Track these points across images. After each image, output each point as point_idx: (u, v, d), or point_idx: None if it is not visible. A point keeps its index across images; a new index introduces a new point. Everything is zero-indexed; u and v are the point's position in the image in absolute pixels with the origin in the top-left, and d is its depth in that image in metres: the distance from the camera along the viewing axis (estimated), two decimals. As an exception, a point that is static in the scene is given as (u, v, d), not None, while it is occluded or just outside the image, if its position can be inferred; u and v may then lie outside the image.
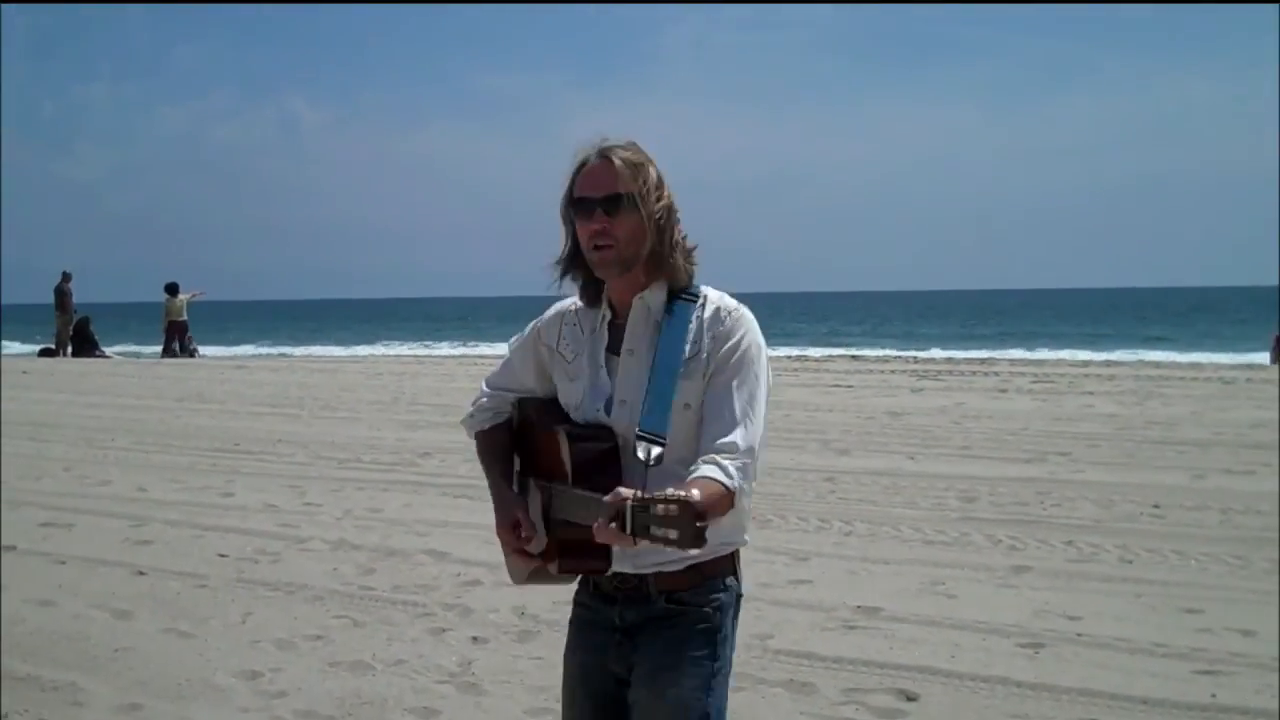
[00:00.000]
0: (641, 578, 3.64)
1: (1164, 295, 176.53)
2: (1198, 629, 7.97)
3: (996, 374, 27.65)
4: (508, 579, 3.96)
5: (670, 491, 3.09)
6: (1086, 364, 32.10)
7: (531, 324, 3.93)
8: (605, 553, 3.54)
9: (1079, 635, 7.86)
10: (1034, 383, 24.82)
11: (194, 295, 40.00)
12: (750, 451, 3.49)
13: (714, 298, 3.67)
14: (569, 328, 3.81)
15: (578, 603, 3.87)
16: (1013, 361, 34.46)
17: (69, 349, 38.70)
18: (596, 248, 3.57)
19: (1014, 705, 6.70)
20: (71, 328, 39.17)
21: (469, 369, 32.60)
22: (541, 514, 3.73)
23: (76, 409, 21.89)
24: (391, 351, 52.30)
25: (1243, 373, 27.50)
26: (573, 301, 3.81)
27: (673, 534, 3.04)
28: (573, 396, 3.73)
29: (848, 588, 8.90)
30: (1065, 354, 42.64)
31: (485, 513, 12.04)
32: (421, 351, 52.06)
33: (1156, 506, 11.75)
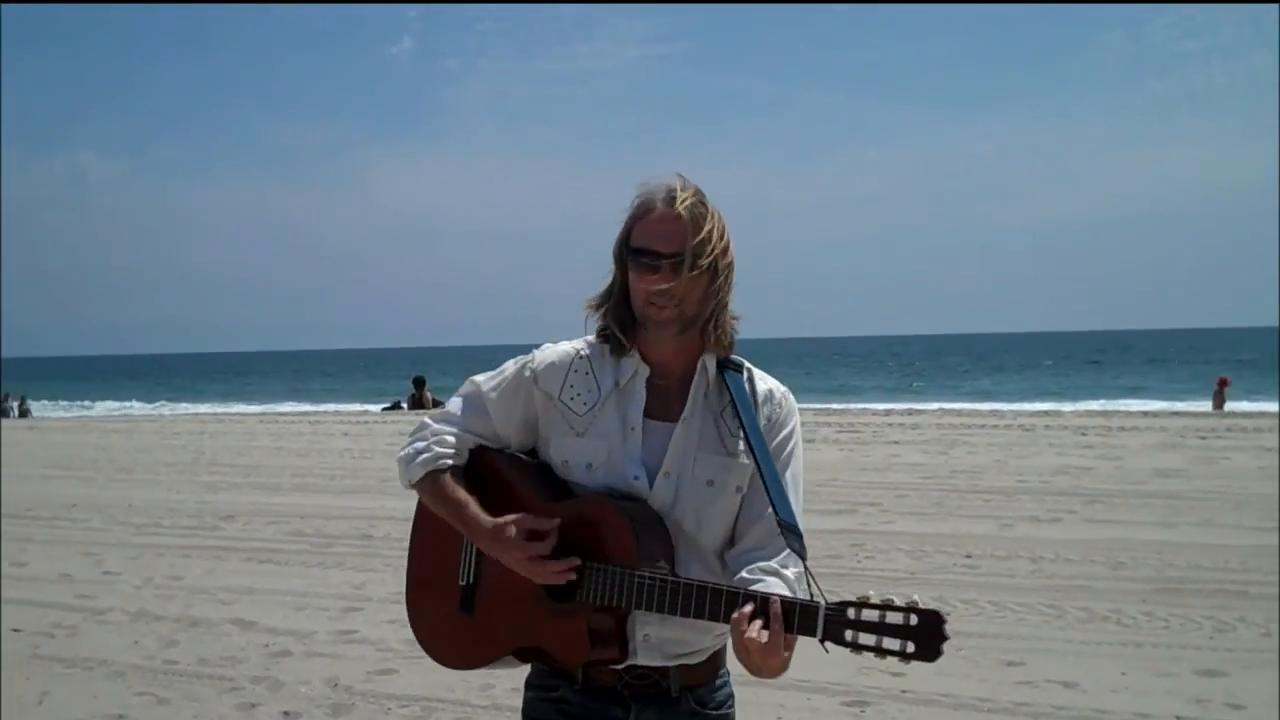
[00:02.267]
0: (663, 672, 3.28)
1: (940, 343, 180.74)
2: (1019, 681, 7.98)
3: (801, 424, 27.90)
4: (319, 648, 3.66)
5: (882, 596, 2.88)
6: (889, 412, 32.51)
7: (514, 365, 3.44)
8: (623, 641, 3.21)
9: (903, 692, 7.80)
10: (839, 432, 25.08)
11: None
12: (800, 537, 3.23)
13: (758, 374, 3.39)
14: (579, 375, 3.35)
15: (553, 699, 3.37)
16: (816, 411, 34.78)
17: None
18: (656, 306, 3.20)
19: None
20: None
21: (269, 426, 32.06)
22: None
23: None
24: (190, 410, 51.17)
25: (1041, 419, 28.09)
26: (576, 347, 3.40)
27: (893, 643, 2.81)
28: (586, 455, 3.28)
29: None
30: (864, 405, 43.19)
31: (293, 577, 11.73)
32: (220, 409, 51.11)
33: (968, 556, 11.83)
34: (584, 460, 3.28)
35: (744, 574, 3.16)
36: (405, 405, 37.24)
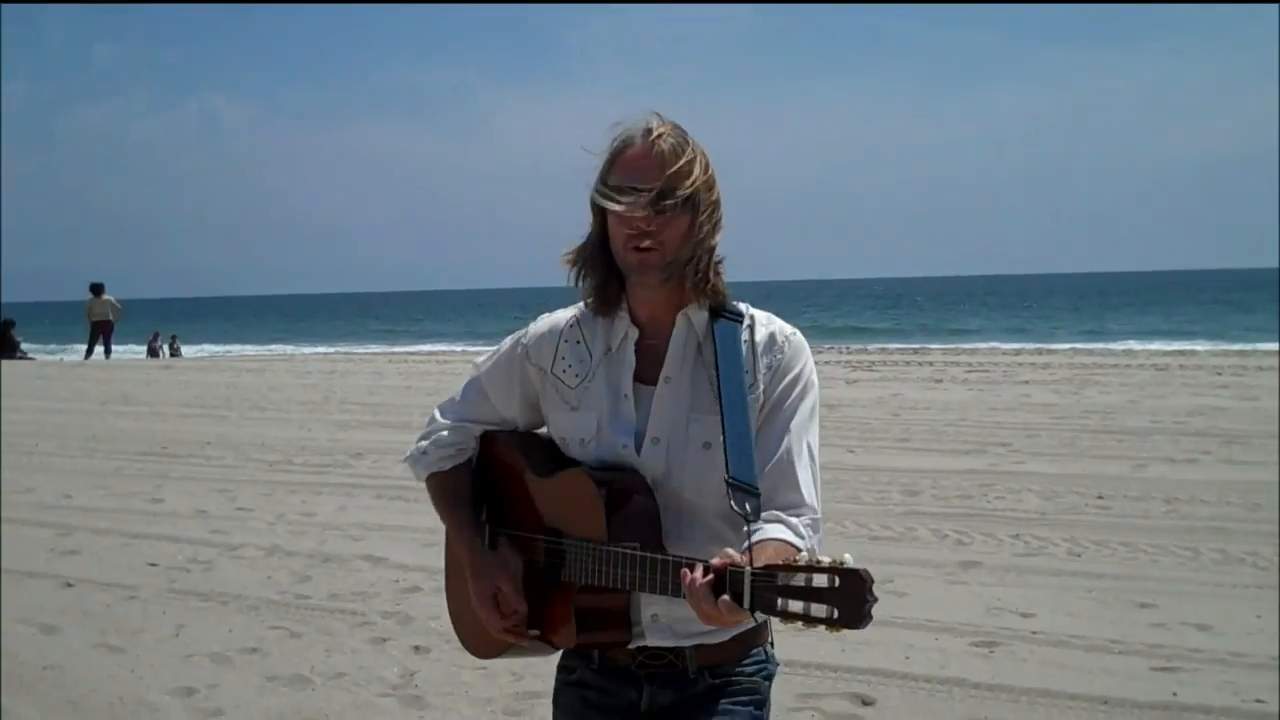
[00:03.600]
0: (679, 652, 3.09)
1: (1080, 281, 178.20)
2: (1152, 624, 7.85)
3: (930, 364, 27.67)
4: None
5: (809, 557, 2.56)
6: (1019, 352, 32.19)
7: (509, 341, 3.30)
8: (625, 621, 3.05)
9: (1033, 633, 7.72)
10: (968, 372, 24.83)
11: (117, 302, 39.43)
12: (817, 507, 3.03)
13: (763, 319, 3.13)
14: (569, 345, 3.18)
15: (573, 683, 3.25)
16: (945, 351, 34.50)
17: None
18: (638, 249, 2.98)
19: (971, 708, 6.54)
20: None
21: (398, 366, 32.39)
22: (521, 576, 3.20)
23: (-1, 414, 21.46)
24: (319, 350, 51.74)
25: (1175, 359, 27.64)
26: (569, 315, 3.23)
27: (820, 608, 2.46)
28: (579, 429, 3.12)
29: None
30: (996, 343, 42.76)
31: (422, 515, 11.80)
32: (353, 349, 51.66)
33: (1100, 497, 11.66)
34: (577, 435, 3.12)
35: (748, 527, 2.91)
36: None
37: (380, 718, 6.62)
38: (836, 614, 2.46)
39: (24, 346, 39.91)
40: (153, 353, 43.66)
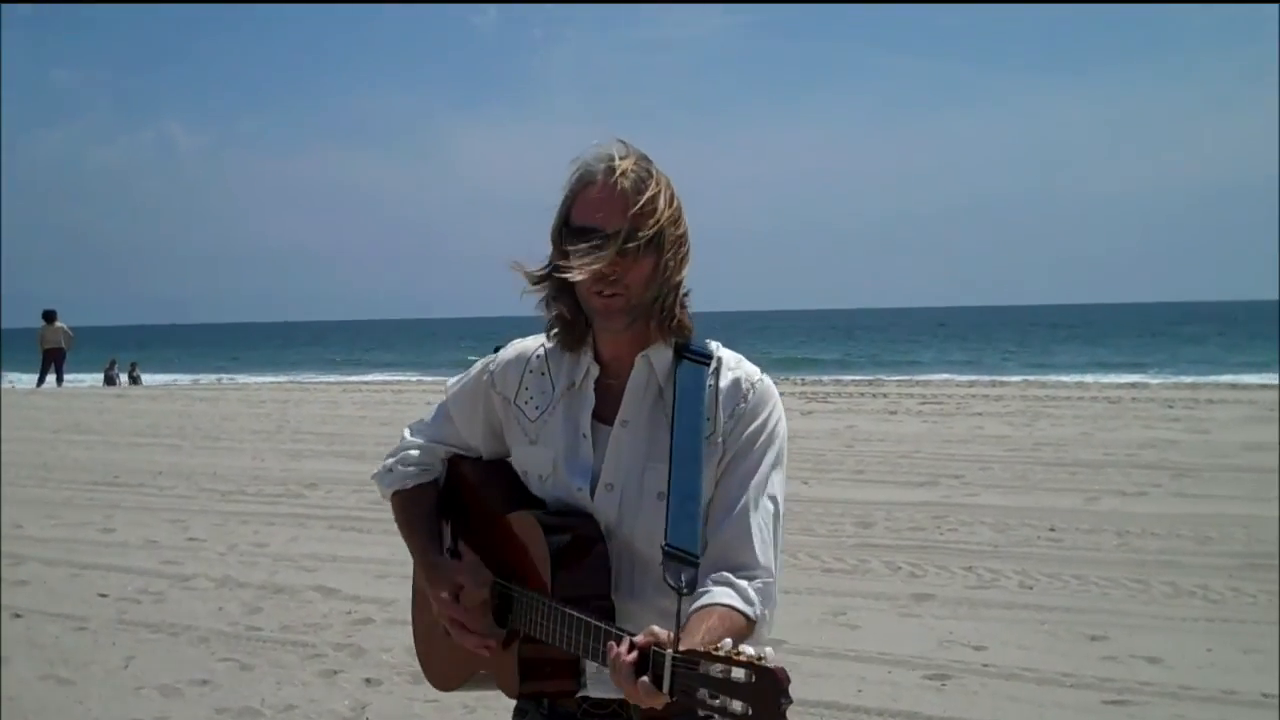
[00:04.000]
0: (621, 702, 2.88)
1: (1031, 313, 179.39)
2: (1103, 656, 7.89)
3: (885, 395, 27.76)
4: (402, 616, 3.60)
5: (733, 646, 2.31)
6: (973, 384, 32.31)
7: (479, 366, 3.15)
8: (574, 670, 2.88)
9: (985, 665, 7.74)
10: (922, 404, 24.92)
11: (70, 330, 39.18)
12: (771, 569, 2.83)
13: (730, 362, 2.98)
14: (533, 377, 3.04)
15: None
16: (900, 382, 34.60)
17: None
18: (601, 295, 2.83)
19: (925, 741, 6.56)
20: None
21: (353, 395, 32.28)
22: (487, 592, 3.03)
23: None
24: (272, 379, 51.48)
25: (1127, 391, 27.82)
26: (538, 344, 3.08)
27: (733, 704, 2.25)
28: (537, 465, 2.99)
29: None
30: (949, 375, 42.92)
31: (375, 546, 11.77)
32: (308, 378, 51.49)
33: (1053, 529, 11.71)
34: (535, 471, 2.99)
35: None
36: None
37: (331, 751, 6.58)
38: (750, 712, 2.25)
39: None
40: (110, 380, 43.37)
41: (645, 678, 2.44)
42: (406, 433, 3.25)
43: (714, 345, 3.00)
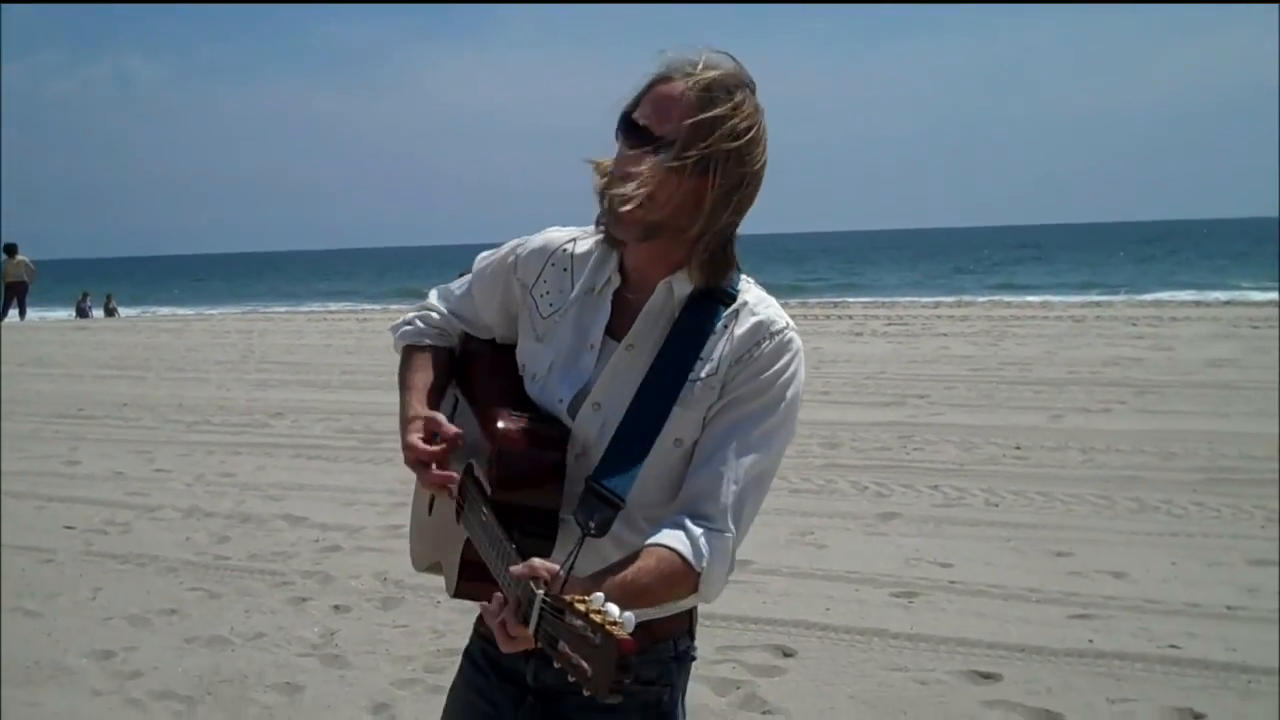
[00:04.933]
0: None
1: (993, 234, 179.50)
2: (1069, 572, 7.94)
3: (850, 317, 27.79)
4: (370, 543, 3.42)
5: (601, 603, 2.09)
6: (938, 305, 32.39)
7: (509, 246, 2.92)
8: (456, 574, 2.73)
9: (952, 583, 7.79)
10: (888, 325, 24.98)
11: (32, 263, 38.93)
12: (733, 527, 2.60)
13: (755, 302, 2.74)
14: (554, 271, 2.82)
15: (479, 634, 2.95)
16: (865, 304, 34.63)
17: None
18: (615, 189, 2.59)
19: (892, 658, 6.59)
20: None
21: (317, 325, 32.18)
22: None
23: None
24: (238, 309, 51.29)
25: (1091, 310, 27.93)
26: (568, 235, 2.86)
27: (582, 663, 2.07)
28: (534, 363, 2.79)
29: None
30: (916, 296, 43.01)
31: (342, 474, 11.77)
32: (271, 309, 51.30)
33: (1018, 448, 11.77)
34: (533, 368, 2.79)
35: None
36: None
37: (301, 677, 6.57)
38: (589, 674, 2.07)
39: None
40: (82, 313, 43.08)
41: (510, 612, 2.29)
42: (433, 296, 3.07)
43: (746, 284, 2.76)
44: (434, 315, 3.03)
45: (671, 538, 2.52)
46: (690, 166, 2.52)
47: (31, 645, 7.20)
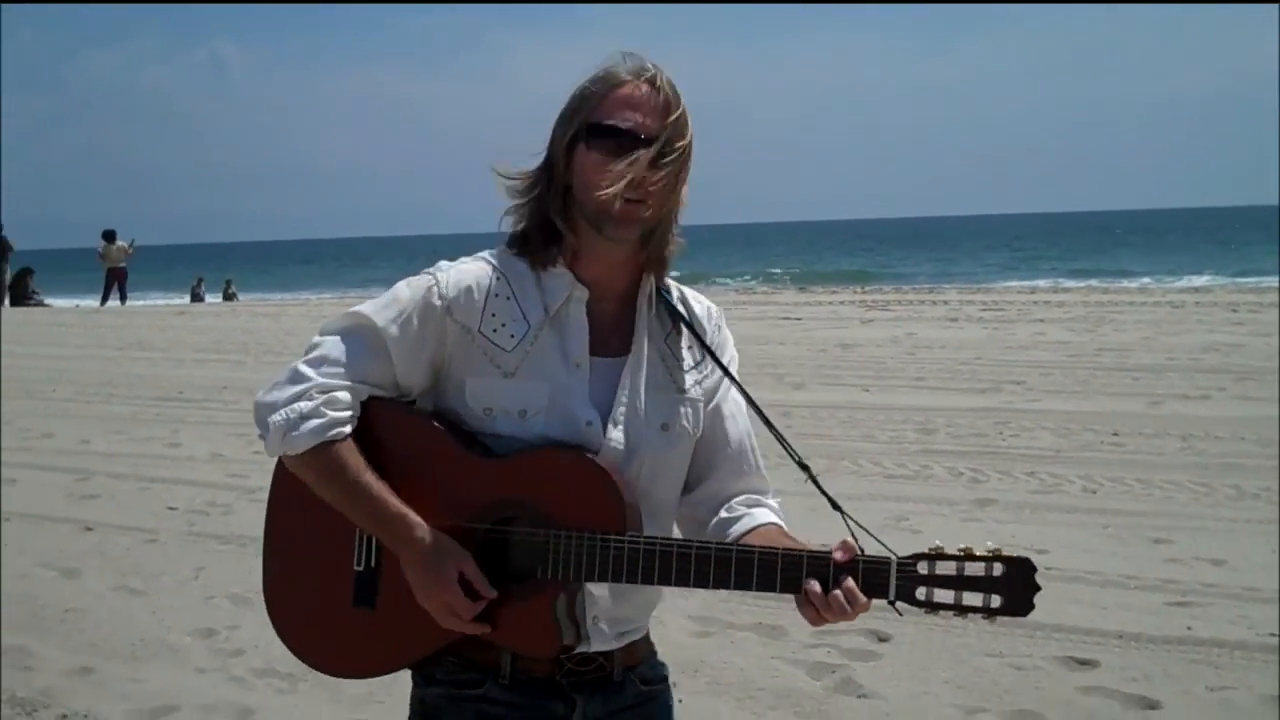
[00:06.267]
0: (608, 655, 2.77)
1: (1094, 220, 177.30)
2: (1167, 559, 7.89)
3: (945, 303, 27.61)
4: None
5: (959, 545, 2.52)
6: (1034, 290, 32.09)
7: (416, 292, 2.71)
8: (552, 627, 2.64)
9: (1048, 569, 7.70)
10: (984, 311, 24.78)
11: (130, 245, 39.52)
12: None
13: (689, 292, 2.91)
14: (500, 302, 2.70)
15: (469, 698, 2.73)
16: (960, 290, 34.38)
17: (4, 299, 38.13)
18: (629, 201, 2.60)
19: (987, 643, 6.58)
20: (10, 277, 38.62)
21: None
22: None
23: (15, 360, 21.46)
24: (333, 295, 51.70)
25: (1191, 296, 27.58)
26: (488, 267, 2.74)
27: (983, 600, 2.48)
28: (519, 400, 2.67)
29: (810, 526, 8.65)
30: (1013, 282, 42.68)
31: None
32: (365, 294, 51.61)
33: (1116, 434, 11.67)
34: (517, 406, 2.67)
35: (723, 514, 2.80)
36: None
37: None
38: (998, 602, 2.47)
39: (40, 294, 39.95)
40: (196, 298, 43.58)
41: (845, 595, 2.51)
42: (308, 370, 2.65)
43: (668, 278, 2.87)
44: (341, 395, 2.64)
45: (767, 515, 2.81)
46: (677, 159, 2.63)
47: (136, 623, 7.34)
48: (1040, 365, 16.42)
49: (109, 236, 38.72)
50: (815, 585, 2.52)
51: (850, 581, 2.52)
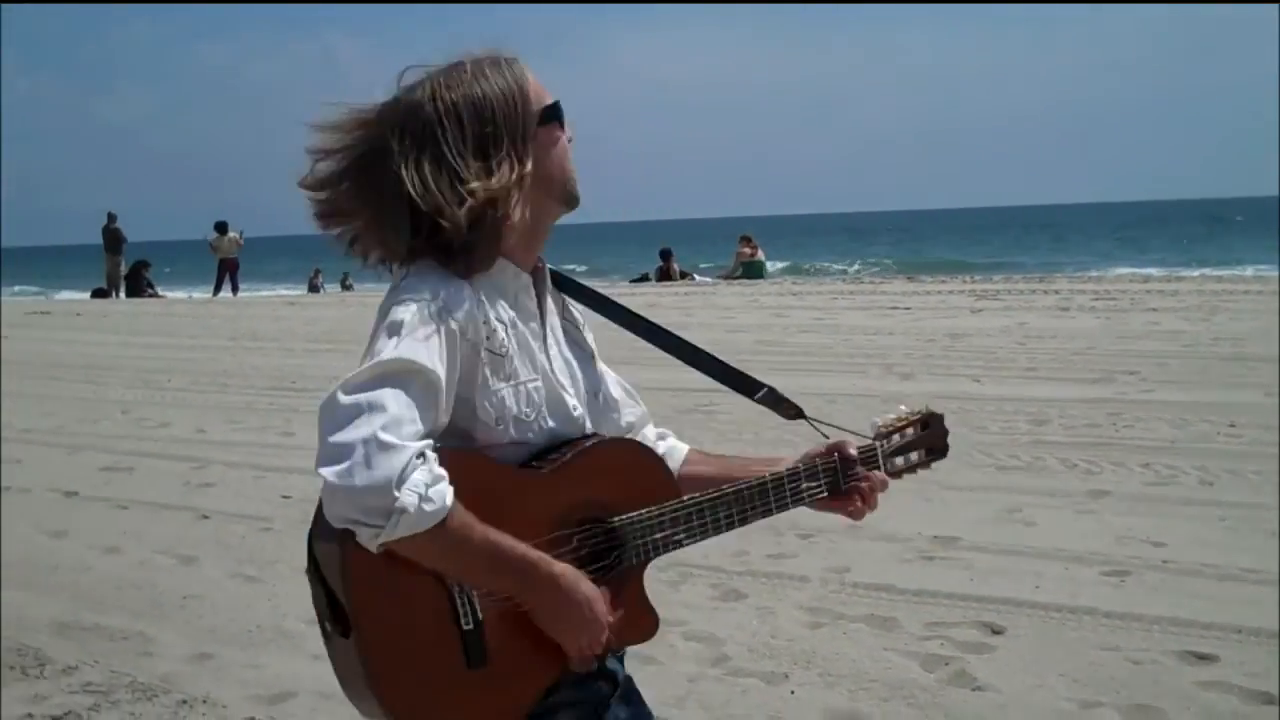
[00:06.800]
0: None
1: (1197, 208, 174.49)
2: (1287, 552, 7.75)
3: (1057, 292, 27.25)
4: None
5: (900, 414, 3.30)
6: (1148, 279, 31.61)
7: (434, 321, 2.57)
8: (650, 610, 2.84)
9: (1164, 562, 7.65)
10: (1096, 300, 24.41)
11: (240, 236, 40.03)
12: None
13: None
14: (484, 309, 2.68)
15: (597, 698, 2.82)
16: (1071, 279, 33.93)
17: (121, 290, 38.76)
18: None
19: (1103, 637, 6.51)
20: (125, 269, 39.23)
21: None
22: None
23: (132, 350, 21.86)
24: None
25: (1309, 285, 27.10)
26: (445, 275, 2.66)
27: (923, 453, 3.27)
28: (521, 403, 2.70)
29: (923, 517, 8.70)
30: (1125, 270, 42.13)
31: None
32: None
33: (1232, 425, 11.48)
34: (523, 410, 2.70)
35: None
36: (653, 277, 37.22)
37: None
38: (932, 451, 3.26)
39: (155, 286, 40.56)
40: (314, 289, 44.02)
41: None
42: (392, 438, 2.39)
43: None
44: (431, 454, 2.46)
45: (679, 443, 3.18)
46: None
47: (253, 609, 7.44)
48: (1154, 355, 16.17)
49: (220, 228, 39.25)
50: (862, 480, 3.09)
51: (868, 470, 3.10)
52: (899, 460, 3.17)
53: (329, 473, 2.37)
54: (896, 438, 3.18)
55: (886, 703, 5.86)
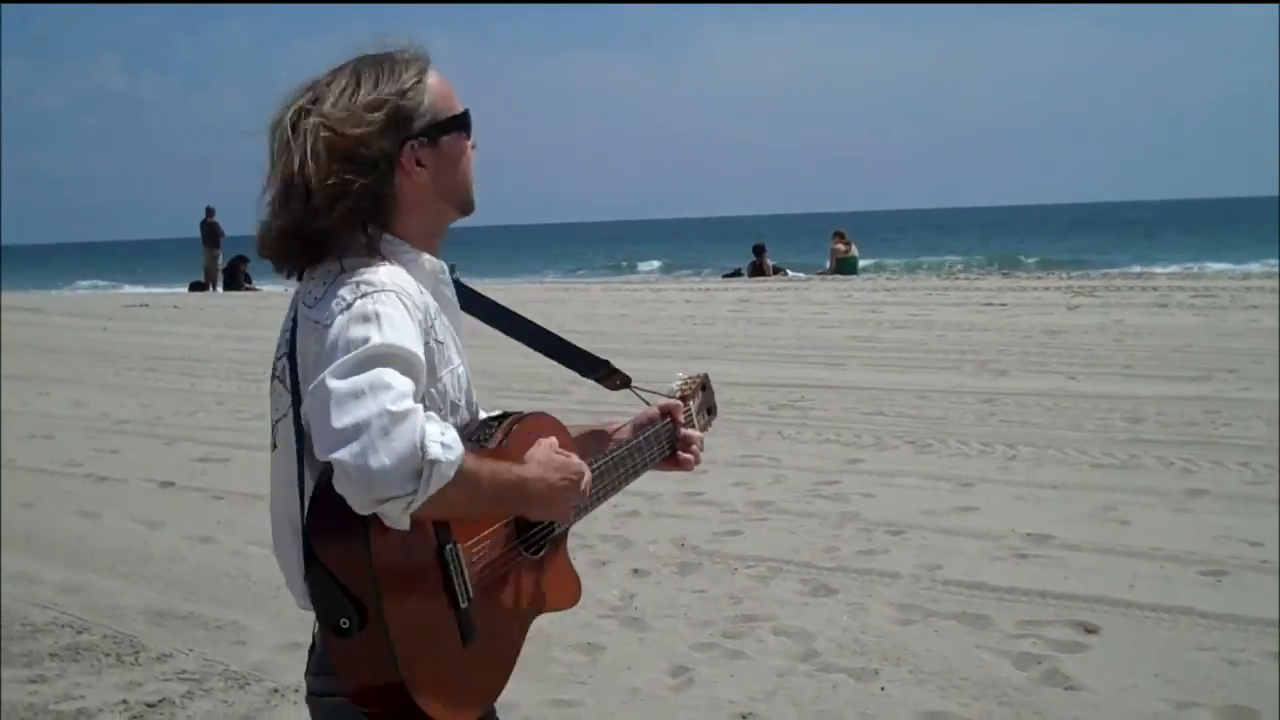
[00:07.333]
0: None
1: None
2: (1390, 554, 7.61)
3: (1154, 289, 26.92)
4: (666, 509, 3.82)
5: (692, 378, 3.68)
6: (1248, 276, 31.17)
7: (400, 310, 2.56)
8: (574, 575, 3.17)
9: (1263, 562, 7.53)
10: (1194, 297, 24.10)
11: None
12: None
13: None
14: (424, 298, 2.72)
15: None
16: (1170, 275, 33.52)
17: (218, 284, 39.16)
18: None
19: (1200, 637, 6.42)
20: (223, 264, 39.65)
21: (612, 294, 32.48)
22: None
23: (227, 343, 22.11)
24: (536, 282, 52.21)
25: None
26: (390, 269, 2.66)
27: (708, 415, 3.73)
28: (458, 386, 2.82)
29: (1016, 514, 8.63)
30: (1224, 266, 41.55)
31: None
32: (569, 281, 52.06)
33: (1333, 424, 11.29)
34: (461, 394, 2.84)
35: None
36: (745, 273, 37.21)
37: (602, 638, 6.71)
38: (708, 413, 3.69)
39: (252, 280, 40.97)
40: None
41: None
42: (399, 405, 2.39)
43: None
44: (449, 425, 2.50)
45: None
46: None
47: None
48: (1253, 353, 15.92)
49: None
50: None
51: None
52: (699, 419, 3.52)
53: (347, 454, 2.34)
54: (694, 401, 3.52)
55: (978, 701, 5.82)
